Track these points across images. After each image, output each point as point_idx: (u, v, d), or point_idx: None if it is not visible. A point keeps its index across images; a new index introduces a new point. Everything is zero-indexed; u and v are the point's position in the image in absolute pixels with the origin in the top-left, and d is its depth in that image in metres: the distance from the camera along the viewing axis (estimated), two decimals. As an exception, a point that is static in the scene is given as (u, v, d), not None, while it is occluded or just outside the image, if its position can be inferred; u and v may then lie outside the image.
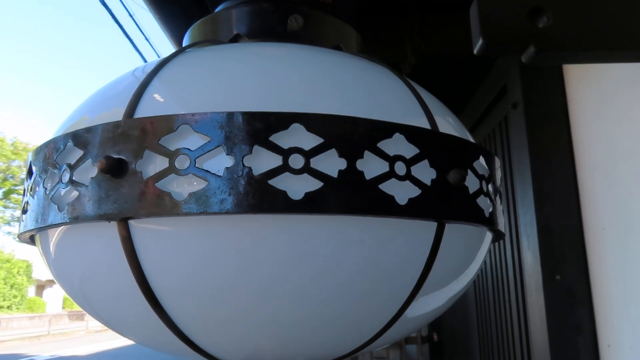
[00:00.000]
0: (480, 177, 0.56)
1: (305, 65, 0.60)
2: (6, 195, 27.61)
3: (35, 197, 0.55)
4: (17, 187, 27.30)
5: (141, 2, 1.67)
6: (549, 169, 1.61)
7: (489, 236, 0.64)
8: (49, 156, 0.54)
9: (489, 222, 0.57)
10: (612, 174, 1.37)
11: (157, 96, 0.55)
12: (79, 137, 0.51)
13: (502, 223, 0.62)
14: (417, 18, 1.88)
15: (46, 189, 0.53)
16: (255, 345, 0.56)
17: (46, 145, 0.55)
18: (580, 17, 0.69)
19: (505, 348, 2.12)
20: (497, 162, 0.63)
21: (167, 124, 0.48)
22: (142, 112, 0.52)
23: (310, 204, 0.45)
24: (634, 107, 1.27)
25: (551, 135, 1.62)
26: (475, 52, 0.70)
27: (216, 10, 0.73)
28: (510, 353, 2.05)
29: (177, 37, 1.82)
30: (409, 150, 0.50)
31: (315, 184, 0.46)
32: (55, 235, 0.57)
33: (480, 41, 0.68)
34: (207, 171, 0.46)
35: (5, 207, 28.14)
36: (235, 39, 0.69)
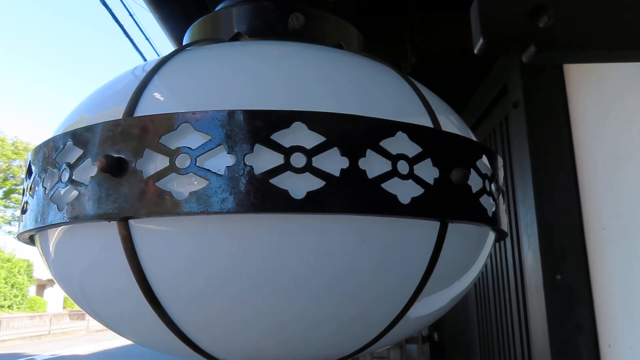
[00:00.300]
0: (483, 177, 0.56)
1: (307, 63, 0.60)
2: (7, 194, 27.63)
3: (34, 197, 0.54)
4: (17, 187, 27.31)
5: (141, 1, 1.66)
6: (549, 169, 1.61)
7: (491, 236, 0.63)
8: (49, 155, 0.53)
9: (492, 221, 0.57)
10: (613, 174, 1.37)
11: (157, 94, 0.55)
12: (78, 136, 0.51)
13: (505, 223, 0.62)
14: (418, 18, 1.88)
15: (45, 188, 0.53)
16: (256, 345, 0.56)
17: (45, 144, 0.55)
18: (581, 17, 0.69)
19: (506, 347, 2.11)
20: (500, 161, 0.63)
21: (168, 122, 0.47)
22: (142, 110, 0.52)
23: (312, 203, 0.45)
24: (634, 106, 1.27)
25: (552, 135, 1.62)
26: (475, 51, 0.69)
27: (217, 8, 0.72)
28: (510, 353, 2.05)
29: (177, 37, 1.82)
30: (412, 149, 0.50)
31: (317, 183, 0.45)
32: (54, 235, 0.56)
33: (481, 40, 0.67)
34: (208, 170, 0.45)
35: (6, 206, 28.16)
36: (235, 38, 0.68)
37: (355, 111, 0.49)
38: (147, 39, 7.21)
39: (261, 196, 0.45)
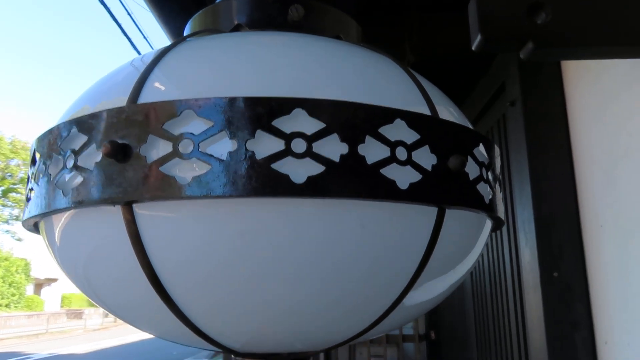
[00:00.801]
0: (480, 164, 0.57)
1: (307, 52, 0.60)
2: (4, 194, 27.58)
3: (39, 184, 0.55)
4: (15, 186, 27.27)
5: (141, 1, 1.67)
6: (546, 166, 1.62)
7: (488, 223, 0.64)
8: (53, 142, 0.54)
9: (489, 208, 0.58)
10: (610, 171, 1.38)
11: (159, 83, 0.56)
12: (83, 123, 0.52)
13: (501, 210, 0.63)
14: (417, 17, 1.89)
15: (50, 175, 0.53)
16: (256, 330, 0.56)
17: (50, 132, 0.55)
18: (579, 13, 0.70)
19: (503, 345, 2.12)
20: (497, 150, 0.64)
21: (171, 109, 0.48)
22: (145, 98, 0.53)
23: (313, 188, 0.46)
24: (632, 103, 1.28)
25: (549, 132, 1.63)
26: (473, 48, 0.70)
27: (217, 0, 0.73)
28: (507, 350, 2.06)
29: (176, 35, 1.83)
30: (410, 135, 0.51)
31: (317, 168, 0.46)
32: (59, 221, 0.57)
33: (479, 37, 0.68)
34: (211, 155, 0.46)
35: (4, 205, 28.11)
36: (236, 29, 0.69)
37: (355, 99, 0.50)
38: (145, 37, 7.24)
39: (262, 181, 0.45)
